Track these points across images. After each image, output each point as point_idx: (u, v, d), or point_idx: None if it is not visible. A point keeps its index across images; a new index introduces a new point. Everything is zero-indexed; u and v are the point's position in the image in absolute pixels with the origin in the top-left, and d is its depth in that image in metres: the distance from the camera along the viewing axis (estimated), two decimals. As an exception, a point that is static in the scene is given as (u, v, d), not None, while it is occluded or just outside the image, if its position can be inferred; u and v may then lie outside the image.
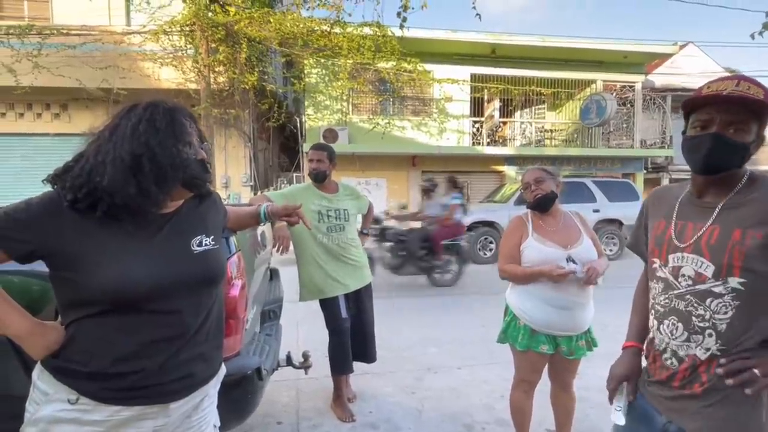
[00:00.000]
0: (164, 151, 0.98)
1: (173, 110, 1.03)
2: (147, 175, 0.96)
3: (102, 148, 0.97)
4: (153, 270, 0.99)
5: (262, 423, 2.62)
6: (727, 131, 1.03)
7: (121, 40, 9.77)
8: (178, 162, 0.99)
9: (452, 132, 13.00)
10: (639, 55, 13.31)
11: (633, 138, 14.07)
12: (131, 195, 0.95)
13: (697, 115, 1.08)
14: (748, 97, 0.99)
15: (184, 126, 1.03)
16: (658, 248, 1.19)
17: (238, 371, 1.49)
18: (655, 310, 1.18)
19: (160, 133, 0.98)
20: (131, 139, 0.96)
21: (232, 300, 1.46)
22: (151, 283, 0.98)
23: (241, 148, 11.71)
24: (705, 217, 1.10)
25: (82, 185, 0.94)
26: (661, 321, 1.15)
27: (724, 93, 1.01)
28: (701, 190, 1.14)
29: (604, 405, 2.78)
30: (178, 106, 1.05)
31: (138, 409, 1.00)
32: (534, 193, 2.07)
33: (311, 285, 2.74)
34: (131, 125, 0.98)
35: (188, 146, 1.03)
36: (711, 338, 1.04)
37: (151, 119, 0.99)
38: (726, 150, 1.04)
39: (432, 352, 3.80)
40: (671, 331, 1.11)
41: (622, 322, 4.85)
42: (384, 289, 6.42)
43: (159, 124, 0.99)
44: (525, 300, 2.03)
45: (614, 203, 9.70)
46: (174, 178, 1.00)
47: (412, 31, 8.04)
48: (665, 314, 1.13)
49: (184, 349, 1.04)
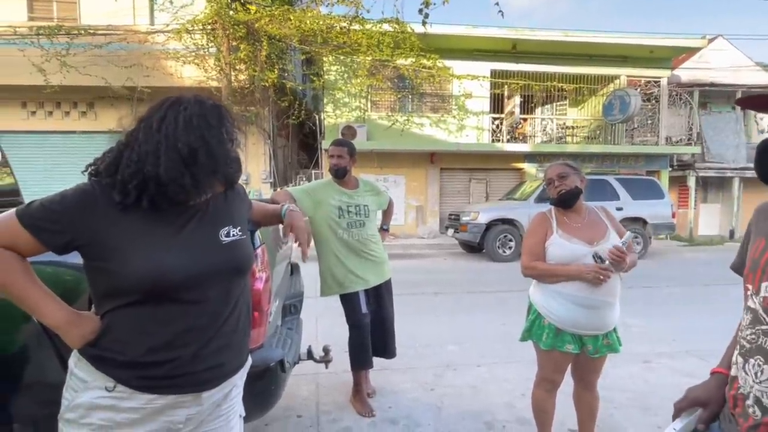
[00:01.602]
0: (219, 145, 1.02)
1: (220, 106, 1.07)
2: (201, 167, 0.99)
3: (151, 139, 0.98)
4: (185, 259, 1.01)
5: (282, 416, 2.65)
6: None
7: (145, 39, 9.98)
8: (230, 157, 1.05)
9: (471, 129, 12.90)
10: (665, 49, 12.96)
11: (658, 135, 13.72)
12: (185, 185, 0.98)
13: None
14: None
15: (231, 123, 1.07)
16: (752, 273, 1.01)
17: (262, 363, 1.50)
18: (741, 345, 1.01)
19: (212, 129, 1.01)
20: (186, 132, 0.99)
21: (257, 292, 1.48)
22: (184, 272, 1.00)
23: (261, 146, 11.84)
24: None
25: (133, 175, 0.96)
26: (746, 359, 0.98)
27: None
28: None
29: (626, 405, 2.75)
30: (221, 103, 1.10)
31: (172, 398, 1.02)
32: (558, 189, 2.03)
33: (331, 280, 2.76)
34: (184, 118, 1.00)
35: (232, 143, 1.07)
36: None
37: (202, 114, 1.01)
38: None
39: (451, 350, 3.79)
40: (756, 373, 0.94)
41: (644, 322, 4.77)
42: (404, 287, 6.41)
43: (211, 120, 1.02)
44: (550, 298, 2.00)
45: (638, 201, 9.49)
46: (222, 172, 1.04)
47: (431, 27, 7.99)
48: (750, 352, 0.97)
49: (215, 338, 1.06)
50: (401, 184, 12.93)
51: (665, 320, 4.68)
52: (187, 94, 1.06)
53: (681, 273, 7.20)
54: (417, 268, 8.25)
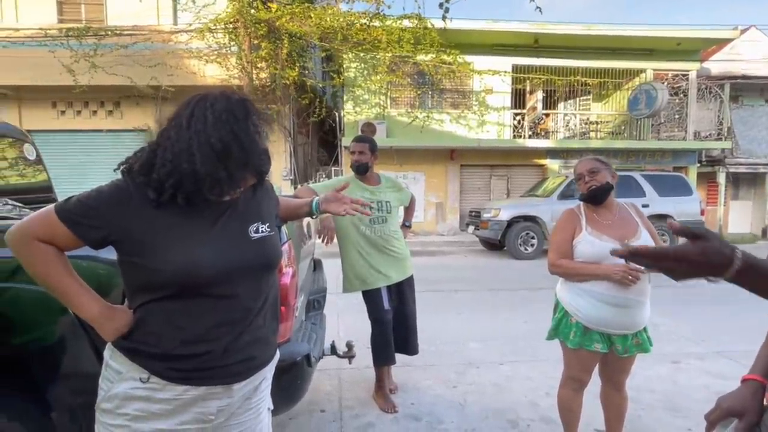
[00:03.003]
0: (249, 138, 1.03)
1: (246, 101, 1.07)
2: (235, 161, 1.00)
3: (182, 137, 1.00)
4: (217, 255, 1.02)
5: (306, 410, 2.67)
6: None
7: (169, 38, 10.17)
8: (259, 150, 1.05)
9: (492, 125, 12.75)
10: (694, 41, 12.55)
11: (686, 130, 13.31)
12: (221, 179, 1.00)
13: None
14: None
15: (257, 117, 1.07)
16: None
17: (289, 357, 1.51)
18: None
19: (240, 122, 1.02)
20: (216, 127, 1.00)
21: (284, 287, 1.49)
22: (217, 267, 1.01)
23: (282, 143, 11.95)
24: None
25: (170, 174, 0.97)
26: None
27: None
28: None
29: (654, 406, 2.68)
30: (247, 97, 1.10)
31: (204, 390, 1.04)
32: (588, 184, 1.98)
33: (354, 276, 2.76)
34: (213, 114, 1.01)
35: (259, 136, 1.07)
36: None
37: (230, 109, 1.02)
38: None
39: (473, 347, 3.76)
40: None
41: (672, 321, 4.66)
42: (424, 284, 6.40)
43: (238, 114, 1.02)
44: (578, 297, 1.95)
45: (665, 198, 9.23)
46: (253, 165, 1.05)
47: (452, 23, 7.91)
48: None
49: (246, 332, 1.08)
50: (421, 180, 12.88)
51: (694, 320, 4.54)
52: (214, 90, 1.07)
53: (710, 272, 6.99)
54: (437, 266, 8.21)
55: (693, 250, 0.67)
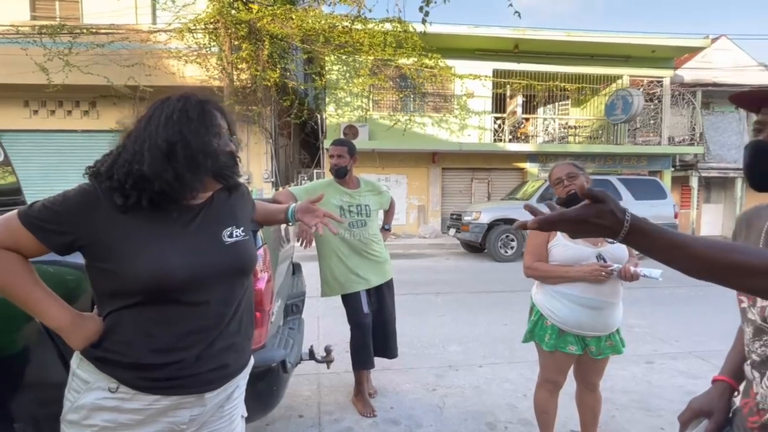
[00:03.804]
0: (197, 139, 1.00)
1: (204, 102, 1.05)
2: (181, 161, 0.98)
3: (139, 138, 1.00)
4: (187, 259, 1.00)
5: (284, 416, 2.65)
6: None
7: (147, 38, 9.99)
8: (210, 150, 1.01)
9: (473, 128, 12.88)
10: (668, 49, 12.93)
11: (660, 135, 13.68)
12: (169, 181, 0.97)
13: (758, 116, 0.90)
14: None
15: (215, 117, 1.05)
16: None
17: (264, 363, 1.50)
18: (752, 360, 0.99)
19: (192, 123, 1.00)
20: (166, 127, 0.99)
21: (259, 293, 1.47)
22: (187, 272, 0.99)
23: (263, 145, 11.85)
24: None
25: (126, 175, 0.96)
26: (762, 372, 0.96)
27: None
28: None
29: (629, 406, 2.74)
30: (209, 98, 1.08)
31: (175, 399, 1.01)
32: (567, 189, 2.01)
33: (332, 280, 2.75)
34: (165, 115, 1.00)
35: (218, 137, 1.04)
36: None
37: (184, 109, 1.01)
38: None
39: (453, 350, 3.78)
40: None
41: (647, 322, 4.76)
42: (405, 287, 6.42)
43: (191, 114, 1.01)
44: (553, 299, 1.99)
45: (641, 201, 9.46)
46: (206, 167, 1.01)
47: (433, 27, 7.96)
48: (764, 365, 0.95)
49: (219, 339, 1.06)
50: (403, 183, 12.92)
51: (668, 321, 4.66)
52: (180, 92, 1.06)
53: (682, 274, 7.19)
54: (418, 268, 8.24)
55: (590, 211, 0.70)
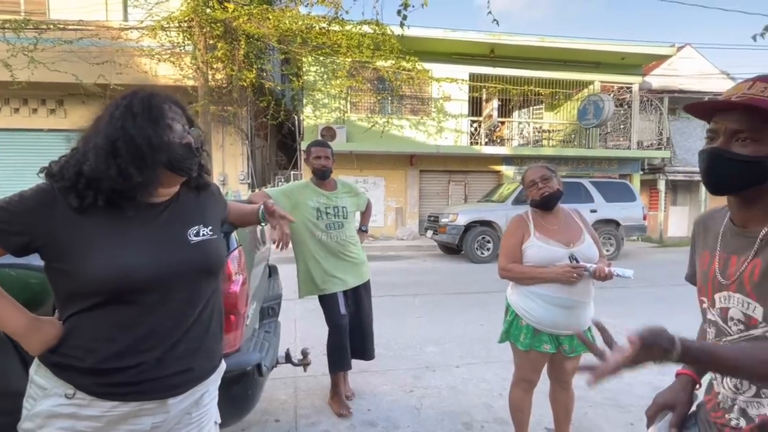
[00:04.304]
0: (140, 133, 0.97)
1: (151, 96, 1.02)
2: (124, 157, 0.95)
3: (88, 138, 0.99)
4: (146, 259, 0.98)
5: (260, 420, 2.61)
6: (731, 143, 0.89)
7: (118, 35, 9.72)
8: (156, 144, 0.98)
9: (450, 131, 13.01)
10: (636, 56, 13.37)
11: (630, 139, 14.13)
12: (113, 177, 0.95)
13: (710, 124, 0.95)
14: (744, 104, 0.85)
15: (162, 110, 1.02)
16: (705, 286, 1.04)
17: (239, 367, 1.47)
18: None
19: (136, 117, 0.98)
20: (108, 125, 0.98)
21: (233, 295, 1.45)
22: (145, 272, 0.97)
23: (239, 146, 11.68)
24: (747, 249, 0.93)
25: (78, 175, 0.95)
26: None
27: (733, 98, 0.87)
28: (736, 215, 0.99)
29: (601, 403, 2.80)
30: (158, 92, 1.05)
31: (135, 405, 0.98)
32: (541, 191, 2.05)
33: (309, 281, 2.73)
34: (110, 112, 0.99)
35: (168, 129, 1.02)
36: None
37: (129, 105, 0.99)
38: (728, 166, 0.89)
39: (431, 351, 3.80)
40: (735, 386, 0.95)
41: (619, 322, 4.89)
42: (383, 288, 6.42)
43: (135, 109, 0.99)
44: (528, 300, 2.02)
45: (611, 204, 9.74)
46: (154, 161, 0.98)
47: (410, 30, 7.99)
48: None
49: (182, 341, 1.03)
50: (381, 185, 12.94)
51: (639, 319, 4.78)
52: (139, 87, 1.05)
53: (652, 273, 7.41)
54: (396, 270, 8.26)
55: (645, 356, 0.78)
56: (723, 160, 0.90)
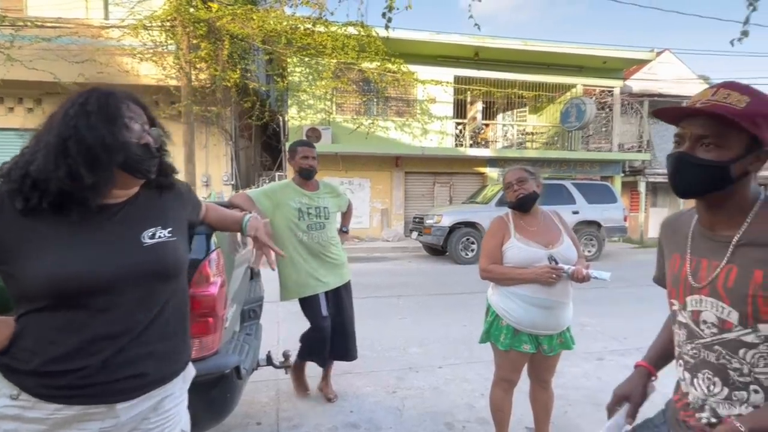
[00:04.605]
0: (93, 132, 0.94)
1: (108, 95, 1.00)
2: (75, 157, 0.93)
3: (40, 137, 0.97)
4: (92, 262, 0.95)
5: (241, 423, 2.58)
6: (697, 148, 0.92)
7: (99, 34, 9.55)
8: (110, 144, 0.95)
9: (435, 133, 13.08)
10: (617, 60, 13.63)
11: (611, 142, 14.38)
12: (61, 178, 0.92)
13: (678, 129, 0.97)
14: (707, 111, 0.88)
15: (119, 109, 0.99)
16: (675, 288, 1.05)
17: (217, 370, 1.46)
18: (684, 361, 1.03)
19: (90, 116, 0.95)
20: (60, 124, 0.95)
21: (211, 298, 1.44)
22: (92, 276, 0.94)
23: (223, 147, 11.57)
24: (719, 253, 0.95)
25: (24, 177, 0.92)
26: (693, 374, 1.01)
27: (697, 104, 0.90)
28: (703, 218, 1.01)
29: (580, 402, 2.84)
30: (116, 91, 1.03)
31: (79, 409, 0.96)
32: (516, 192, 2.08)
33: (291, 283, 2.72)
34: (64, 110, 0.97)
35: (125, 129, 0.99)
36: (758, 395, 0.90)
37: (84, 103, 0.97)
38: (694, 170, 0.92)
39: (414, 352, 3.81)
40: (708, 387, 0.97)
41: (599, 321, 4.95)
42: (368, 290, 6.42)
43: (90, 108, 0.96)
44: (508, 300, 2.05)
45: (593, 205, 9.90)
46: (107, 161, 0.96)
47: (396, 32, 8.02)
48: (696, 367, 1.00)
49: (132, 346, 1.00)
50: (366, 187, 12.94)
51: (618, 319, 4.88)
52: (97, 86, 1.03)
53: (633, 274, 7.55)
54: (381, 271, 8.26)
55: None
56: (688, 164, 0.92)
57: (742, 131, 0.87)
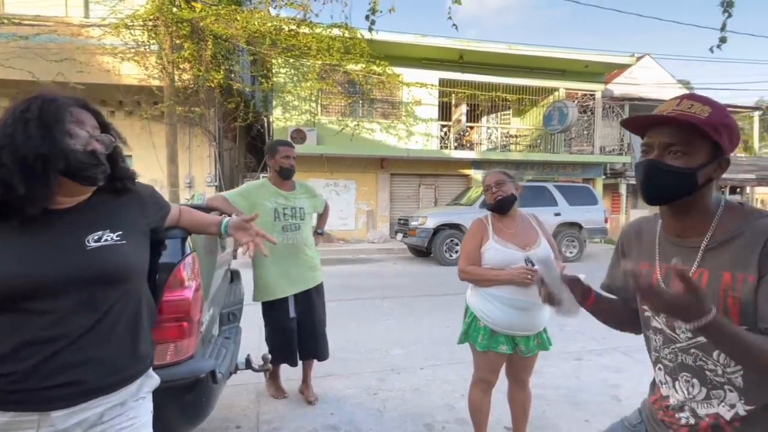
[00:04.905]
0: (28, 141, 0.92)
1: (51, 101, 0.98)
2: (10, 167, 0.92)
3: None
4: (29, 266, 0.94)
5: (220, 427, 2.57)
6: (665, 156, 0.95)
7: (79, 32, 9.38)
8: (45, 153, 0.93)
9: (420, 135, 13.14)
10: (599, 65, 13.88)
11: (593, 145, 14.63)
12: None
13: (645, 138, 1.01)
14: (676, 119, 0.92)
15: (60, 115, 0.97)
16: None
17: (191, 375, 1.45)
18: (664, 365, 1.07)
19: (29, 124, 0.93)
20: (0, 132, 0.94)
21: (186, 302, 1.43)
22: (26, 279, 0.93)
23: (206, 148, 11.45)
24: (689, 259, 0.98)
25: None
26: (673, 378, 1.04)
27: (664, 114, 0.94)
28: (671, 225, 1.04)
29: (558, 401, 2.89)
30: (60, 97, 1.00)
31: (11, 415, 0.94)
32: (495, 195, 2.12)
33: (263, 284, 2.75)
34: (4, 118, 0.95)
35: (67, 136, 0.97)
36: (733, 393, 0.94)
37: (24, 111, 0.95)
38: (664, 177, 0.95)
39: (397, 354, 3.82)
40: (687, 389, 1.01)
41: (578, 322, 5.00)
42: (353, 292, 6.42)
43: (30, 115, 0.94)
44: (486, 302, 2.08)
45: (574, 207, 10.05)
46: (43, 171, 0.93)
47: (381, 35, 8.06)
48: (675, 370, 1.03)
49: (67, 352, 0.96)
50: (352, 188, 12.94)
51: (596, 320, 4.96)
52: (43, 91, 1.01)
53: (612, 275, 7.69)
54: (366, 273, 8.27)
55: (683, 301, 0.77)
56: (658, 171, 0.96)
57: (706, 139, 0.92)
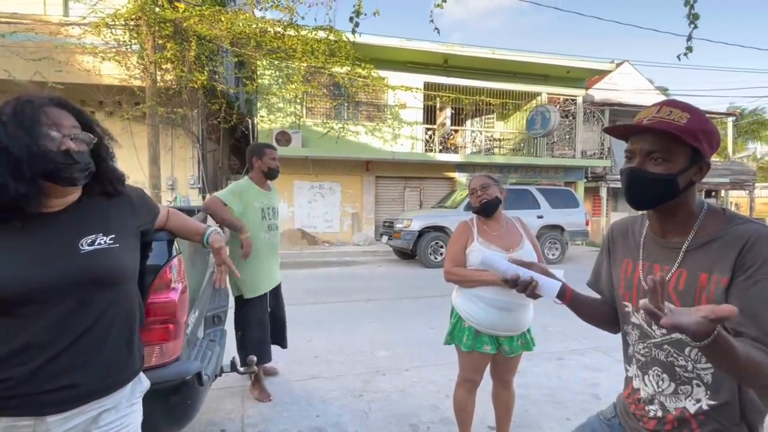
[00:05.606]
0: (14, 142, 0.93)
1: (26, 102, 0.98)
2: (2, 168, 0.92)
3: None
4: (23, 270, 0.94)
5: (205, 431, 2.55)
6: (647, 163, 0.99)
7: (58, 31, 9.18)
8: (26, 154, 0.93)
9: (406, 138, 13.20)
10: (580, 70, 14.15)
11: (575, 148, 14.89)
12: None
13: (628, 145, 1.04)
14: (654, 128, 0.95)
15: (36, 117, 0.96)
16: (629, 291, 1.12)
17: (177, 377, 1.44)
18: (636, 360, 1.12)
19: (7, 127, 0.94)
20: None
21: (172, 304, 1.42)
22: (20, 282, 0.93)
23: (189, 149, 11.31)
24: (671, 258, 1.03)
25: None
26: (645, 372, 1.09)
27: (644, 122, 0.97)
28: (656, 226, 1.08)
29: (541, 401, 2.95)
30: (36, 98, 1.00)
31: (7, 420, 0.94)
32: (480, 198, 2.17)
33: (252, 282, 2.82)
34: None
35: (44, 138, 0.96)
36: (700, 389, 0.99)
37: (1, 113, 0.95)
38: (646, 183, 0.99)
39: (382, 355, 3.84)
40: (657, 383, 1.06)
41: (561, 322, 5.10)
42: (338, 294, 6.42)
43: (4, 118, 0.95)
44: (470, 302, 2.11)
45: (557, 210, 10.21)
46: (32, 172, 0.94)
47: (366, 38, 8.10)
48: (647, 365, 1.08)
49: (62, 356, 0.97)
50: (337, 191, 12.92)
51: (579, 320, 5.04)
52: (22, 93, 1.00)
53: (593, 276, 7.83)
54: (351, 276, 8.27)
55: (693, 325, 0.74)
56: (641, 178, 0.99)
57: (686, 145, 0.95)
